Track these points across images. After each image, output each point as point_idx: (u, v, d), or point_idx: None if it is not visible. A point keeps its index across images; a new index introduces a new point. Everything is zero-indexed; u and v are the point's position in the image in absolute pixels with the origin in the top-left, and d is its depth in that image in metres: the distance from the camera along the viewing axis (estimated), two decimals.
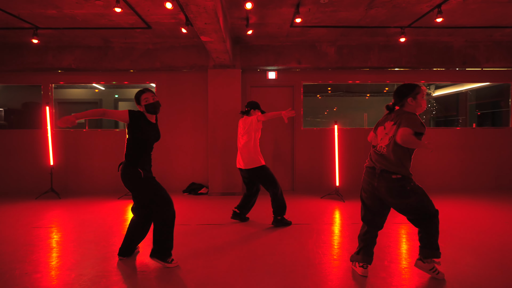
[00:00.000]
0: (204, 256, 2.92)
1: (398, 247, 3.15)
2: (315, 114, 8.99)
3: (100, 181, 6.05)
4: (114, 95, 7.97)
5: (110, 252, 3.00)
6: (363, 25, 5.00)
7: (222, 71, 5.74)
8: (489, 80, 6.29)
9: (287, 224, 3.85)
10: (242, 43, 5.78)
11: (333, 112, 9.05)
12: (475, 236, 3.43)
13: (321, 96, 8.83)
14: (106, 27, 5.01)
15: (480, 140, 6.17)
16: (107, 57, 5.81)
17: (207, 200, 5.39)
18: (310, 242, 3.26)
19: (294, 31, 5.30)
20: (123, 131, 6.03)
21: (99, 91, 7.90)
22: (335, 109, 9.11)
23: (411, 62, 5.88)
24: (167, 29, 5.13)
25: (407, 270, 2.61)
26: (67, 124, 2.40)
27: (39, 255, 2.95)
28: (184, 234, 3.53)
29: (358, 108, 8.85)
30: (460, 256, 2.88)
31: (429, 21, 4.79)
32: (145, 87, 2.91)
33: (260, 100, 6.14)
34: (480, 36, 5.64)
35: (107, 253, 3.00)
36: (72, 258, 2.87)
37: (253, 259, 2.84)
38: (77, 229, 3.74)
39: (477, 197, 5.36)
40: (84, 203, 5.10)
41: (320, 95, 8.78)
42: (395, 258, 2.86)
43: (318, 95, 8.86)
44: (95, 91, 7.94)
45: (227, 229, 3.75)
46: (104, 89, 7.89)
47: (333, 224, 3.94)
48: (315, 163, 6.11)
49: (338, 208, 4.74)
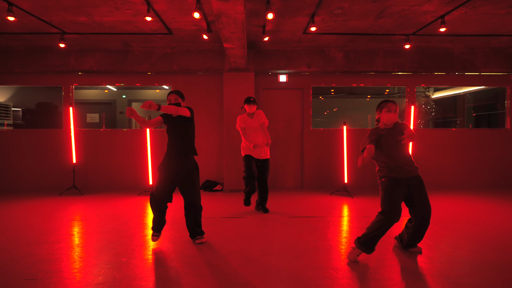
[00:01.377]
0: (236, 243, 3.24)
1: None
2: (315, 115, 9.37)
3: (118, 179, 6.34)
4: (128, 96, 8.25)
5: (128, 236, 3.31)
6: (371, 32, 5.35)
7: (236, 74, 6.07)
8: (487, 84, 6.70)
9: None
10: (255, 48, 6.11)
11: (334, 112, 9.43)
12: (473, 226, 3.79)
13: (323, 98, 9.20)
14: (129, 33, 5.31)
15: (477, 141, 6.57)
16: (127, 60, 6.10)
17: (223, 196, 5.71)
18: (329, 232, 3.61)
19: (306, 38, 5.64)
20: (136, 130, 6.33)
21: (112, 92, 8.17)
22: (335, 110, 9.49)
23: (414, 67, 6.26)
24: (186, 34, 5.44)
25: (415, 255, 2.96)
26: (147, 108, 2.70)
27: (72, 243, 3.25)
28: (212, 225, 3.85)
29: (359, 109, 9.23)
30: (462, 242, 3.24)
31: (432, 29, 5.16)
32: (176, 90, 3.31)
33: (272, 101, 6.49)
34: (478, 43, 6.03)
35: (124, 237, 3.30)
36: (99, 244, 3.18)
37: (281, 246, 3.17)
38: (103, 221, 4.04)
39: (474, 194, 5.75)
40: (107, 199, 5.39)
41: (323, 97, 9.14)
42: None
43: (320, 96, 9.23)
44: (105, 92, 8.20)
45: (249, 221, 4.07)
46: (116, 90, 8.17)
47: (346, 217, 4.29)
48: (323, 161, 6.46)
49: (347, 204, 5.09)
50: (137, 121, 3.01)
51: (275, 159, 6.43)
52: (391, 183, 2.78)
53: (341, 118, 9.18)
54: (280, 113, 6.45)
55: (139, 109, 4.16)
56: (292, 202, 5.18)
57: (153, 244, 3.19)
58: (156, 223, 3.14)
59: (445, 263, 2.75)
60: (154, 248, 3.10)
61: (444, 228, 3.71)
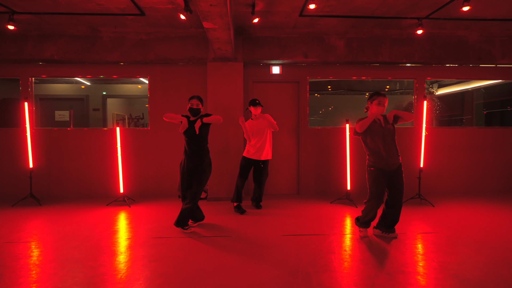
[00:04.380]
0: (215, 277, 2.44)
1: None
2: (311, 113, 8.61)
3: (86, 185, 5.48)
4: (103, 91, 7.36)
5: (98, 276, 2.49)
6: (379, 15, 4.59)
7: (222, 64, 5.25)
8: (504, 78, 5.99)
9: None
10: (245, 34, 5.30)
11: (330, 111, 8.68)
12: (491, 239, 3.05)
13: (319, 95, 8.44)
14: (93, 13, 4.46)
15: (490, 140, 5.87)
16: (95, 48, 5.24)
17: (206, 206, 4.88)
18: (334, 258, 2.82)
19: (302, 22, 4.86)
20: (106, 130, 5.47)
21: (86, 87, 7.28)
22: (330, 108, 8.74)
23: (424, 57, 5.52)
24: (162, 16, 4.61)
25: None
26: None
27: (12, 281, 2.41)
28: (187, 251, 3.04)
29: (357, 107, 8.47)
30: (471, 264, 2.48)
31: (449, 12, 4.43)
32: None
33: (263, 97, 5.70)
34: (497, 30, 5.32)
35: (94, 276, 2.48)
36: (51, 285, 2.35)
37: (273, 277, 2.37)
38: (59, 244, 3.20)
39: (487, 200, 5.04)
40: (68, 211, 4.54)
41: (319, 94, 8.38)
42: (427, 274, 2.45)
43: (316, 94, 8.47)
44: (81, 87, 7.33)
45: (235, 240, 3.27)
46: (91, 85, 7.28)
47: (353, 234, 3.51)
48: (323, 164, 5.69)
49: (351, 215, 4.32)
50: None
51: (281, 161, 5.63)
52: (378, 174, 3.17)
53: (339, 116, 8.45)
54: (273, 109, 5.65)
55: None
56: (287, 213, 4.39)
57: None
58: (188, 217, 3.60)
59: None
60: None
61: (451, 244, 2.95)
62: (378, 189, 3.16)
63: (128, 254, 2.94)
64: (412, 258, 2.83)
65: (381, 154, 3.15)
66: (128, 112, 8.02)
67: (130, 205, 4.85)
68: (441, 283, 2.35)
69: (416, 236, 3.43)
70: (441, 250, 3.02)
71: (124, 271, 2.58)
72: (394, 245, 3.16)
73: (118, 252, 2.99)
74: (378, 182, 3.17)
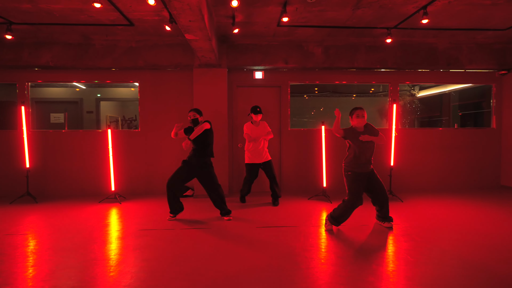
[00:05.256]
0: (189, 263, 2.81)
1: (386, 249, 3.12)
2: (302, 114, 8.97)
3: (80, 184, 5.82)
4: (96, 94, 7.69)
5: (88, 261, 2.85)
6: (350, 25, 4.98)
7: (207, 70, 5.61)
8: (472, 82, 6.41)
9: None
10: (228, 42, 5.67)
11: (320, 112, 9.06)
12: (461, 236, 3.44)
13: (308, 96, 8.83)
14: (85, 23, 4.80)
15: (463, 141, 6.29)
16: (88, 54, 5.58)
17: (192, 202, 5.25)
18: (298, 246, 3.20)
19: (281, 31, 5.23)
20: (98, 132, 5.81)
21: (80, 90, 7.61)
22: (321, 109, 9.12)
23: (397, 63, 5.91)
24: (150, 26, 4.96)
25: (395, 273, 2.58)
26: (186, 147, 3.89)
27: (11, 265, 2.76)
28: (168, 240, 3.40)
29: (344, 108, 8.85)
30: (447, 257, 2.87)
31: (415, 22, 4.82)
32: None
33: (247, 100, 6.07)
34: (463, 38, 5.73)
35: (84, 261, 2.84)
36: (46, 268, 2.70)
37: (240, 265, 2.74)
38: (54, 236, 3.55)
39: (461, 197, 5.44)
40: (63, 207, 4.88)
41: (307, 95, 8.77)
42: (382, 261, 2.83)
43: (305, 95, 8.85)
44: (76, 90, 7.65)
45: (213, 232, 3.64)
46: (86, 88, 7.61)
47: (320, 227, 3.89)
48: (303, 164, 6.07)
49: (325, 210, 4.71)
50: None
51: None
52: (356, 177, 3.54)
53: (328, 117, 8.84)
54: None
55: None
56: (267, 208, 4.76)
57: (114, 272, 2.73)
58: (170, 204, 4.11)
59: (427, 285, 2.37)
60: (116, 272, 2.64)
61: (427, 240, 3.34)
62: (358, 188, 3.51)
63: (116, 244, 3.30)
64: (347, 245, 3.21)
65: (359, 159, 3.50)
66: (122, 114, 8.36)
67: (121, 202, 5.20)
68: (412, 283, 2.73)
69: (376, 227, 3.81)
70: (397, 239, 3.40)
71: (112, 257, 2.94)
72: (345, 234, 3.54)
73: (107, 242, 3.35)
74: (356, 181, 3.51)
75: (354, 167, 3.54)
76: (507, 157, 6.20)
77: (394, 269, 2.65)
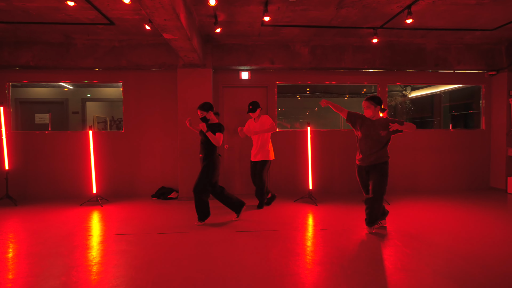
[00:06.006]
0: (157, 269, 2.71)
1: (364, 255, 3.04)
2: (296, 114, 8.89)
3: (62, 186, 5.70)
4: (83, 94, 7.57)
5: (53, 268, 2.74)
6: (335, 25, 4.89)
7: (192, 70, 5.51)
8: (461, 82, 6.35)
9: None
10: (213, 42, 5.57)
11: (315, 112, 8.99)
12: (451, 242, 3.37)
13: (300, 97, 8.75)
14: (64, 22, 4.69)
15: (453, 142, 6.22)
16: (69, 54, 5.46)
17: (176, 205, 5.15)
18: (274, 252, 3.11)
19: (266, 30, 5.14)
20: (80, 132, 5.69)
21: (66, 90, 7.48)
22: (316, 110, 9.04)
23: (385, 64, 5.84)
24: (131, 25, 4.86)
25: (368, 281, 2.49)
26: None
27: None
28: (142, 245, 3.30)
29: None
30: (436, 264, 2.79)
31: (401, 22, 4.74)
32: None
33: (234, 100, 5.98)
34: (451, 39, 5.66)
35: (50, 269, 2.73)
36: (7, 277, 2.59)
37: (210, 273, 2.65)
38: (31, 239, 3.44)
39: (451, 199, 5.38)
40: (42, 211, 4.76)
41: (300, 96, 8.69)
42: (359, 267, 2.74)
43: (298, 95, 8.78)
44: (63, 90, 7.52)
45: (190, 238, 3.54)
46: (73, 88, 7.49)
47: (303, 230, 3.81)
48: (289, 165, 5.98)
49: (311, 212, 4.62)
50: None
51: (238, 163, 5.93)
52: (357, 169, 3.71)
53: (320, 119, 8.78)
54: (243, 113, 5.92)
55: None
56: (252, 212, 4.67)
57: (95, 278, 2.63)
58: (197, 211, 4.03)
59: None
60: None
61: (414, 246, 3.26)
62: (361, 183, 3.70)
63: (87, 251, 3.19)
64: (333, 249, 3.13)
65: (361, 150, 3.58)
66: (111, 114, 8.24)
67: (103, 205, 5.09)
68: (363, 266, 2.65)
69: (360, 231, 3.73)
70: (377, 245, 3.32)
71: (86, 264, 2.84)
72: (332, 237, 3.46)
73: (82, 247, 3.24)
74: (358, 175, 3.69)
75: (357, 157, 3.68)
76: (496, 159, 6.15)
77: (369, 277, 2.57)
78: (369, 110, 3.54)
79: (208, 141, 3.96)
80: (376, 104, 3.54)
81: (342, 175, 6.03)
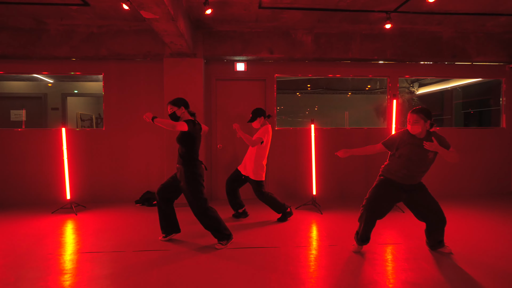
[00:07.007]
0: None
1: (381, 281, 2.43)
2: (295, 112, 8.27)
3: (34, 191, 5.06)
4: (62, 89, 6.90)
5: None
6: (344, 7, 4.28)
7: (180, 60, 4.88)
8: (480, 76, 5.75)
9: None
10: (204, 28, 4.94)
11: (315, 111, 8.39)
12: (476, 256, 2.76)
13: (300, 94, 8.14)
14: (32, 2, 4.05)
15: (467, 141, 5.63)
16: (41, 41, 4.82)
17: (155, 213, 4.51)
18: (274, 279, 2.49)
19: (264, 14, 4.52)
20: (53, 130, 5.06)
21: (44, 85, 6.83)
22: (316, 108, 8.45)
23: (397, 54, 5.23)
24: (109, 7, 4.22)
25: None
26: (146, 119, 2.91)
27: None
28: (110, 268, 2.67)
29: (339, 106, 8.18)
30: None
31: (418, 4, 4.14)
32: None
33: (228, 95, 5.35)
34: (471, 26, 5.06)
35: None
36: None
37: None
38: None
39: (467, 205, 4.78)
40: (5, 220, 4.12)
41: (300, 93, 8.08)
42: None
43: (297, 92, 8.16)
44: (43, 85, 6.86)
45: (169, 258, 2.92)
46: (54, 82, 6.82)
47: (307, 247, 3.19)
48: (290, 167, 5.37)
49: (315, 223, 4.01)
50: None
51: (232, 164, 5.30)
52: (386, 183, 2.89)
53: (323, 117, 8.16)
54: (239, 109, 5.31)
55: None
56: (247, 223, 4.05)
57: None
58: (160, 223, 3.34)
59: None
60: None
61: (411, 258, 2.65)
62: (379, 200, 2.89)
63: (37, 279, 2.57)
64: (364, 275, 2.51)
65: (405, 169, 2.87)
66: (97, 111, 7.59)
67: (77, 213, 4.46)
68: None
69: (379, 247, 3.12)
70: (399, 265, 2.71)
71: None
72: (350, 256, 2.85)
73: (31, 269, 2.61)
74: (380, 190, 2.89)
75: (392, 170, 2.88)
76: None
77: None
78: (418, 126, 2.77)
79: (181, 139, 3.15)
80: (426, 118, 2.78)
81: (349, 179, 5.42)
